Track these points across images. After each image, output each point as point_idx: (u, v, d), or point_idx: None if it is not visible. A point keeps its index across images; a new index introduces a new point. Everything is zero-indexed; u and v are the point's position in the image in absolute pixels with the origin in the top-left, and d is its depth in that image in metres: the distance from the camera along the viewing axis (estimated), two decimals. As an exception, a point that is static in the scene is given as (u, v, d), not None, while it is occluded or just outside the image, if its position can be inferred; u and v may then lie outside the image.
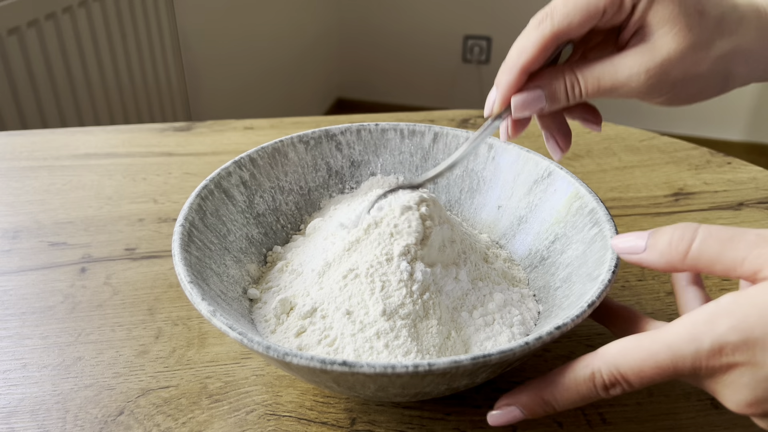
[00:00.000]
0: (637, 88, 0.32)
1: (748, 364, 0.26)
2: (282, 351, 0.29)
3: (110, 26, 1.24)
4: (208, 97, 1.64)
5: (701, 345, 0.26)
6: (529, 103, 0.34)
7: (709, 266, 0.29)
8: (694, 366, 0.27)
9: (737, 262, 0.27)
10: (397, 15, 2.24)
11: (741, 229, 0.28)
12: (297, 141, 0.49)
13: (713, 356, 0.26)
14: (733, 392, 0.27)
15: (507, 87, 0.34)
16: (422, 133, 0.50)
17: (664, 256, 0.30)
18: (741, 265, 0.27)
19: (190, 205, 0.40)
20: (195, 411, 0.38)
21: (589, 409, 0.38)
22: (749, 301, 0.26)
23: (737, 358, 0.26)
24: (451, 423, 0.37)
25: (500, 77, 0.34)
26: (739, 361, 0.26)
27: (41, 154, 0.68)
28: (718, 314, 0.26)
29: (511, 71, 0.33)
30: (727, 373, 0.26)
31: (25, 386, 0.40)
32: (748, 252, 0.27)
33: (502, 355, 0.29)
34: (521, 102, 0.34)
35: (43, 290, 0.48)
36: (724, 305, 0.26)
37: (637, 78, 0.31)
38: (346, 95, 2.47)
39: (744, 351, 0.25)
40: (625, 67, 0.32)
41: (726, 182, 0.62)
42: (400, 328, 0.35)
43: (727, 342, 0.26)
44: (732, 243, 0.28)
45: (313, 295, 0.38)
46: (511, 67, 0.33)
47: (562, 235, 0.43)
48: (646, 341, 0.28)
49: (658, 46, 0.31)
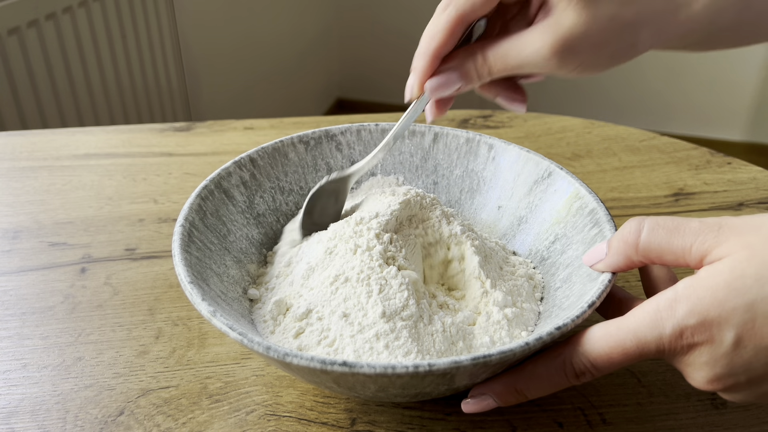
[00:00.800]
0: (543, 64, 0.32)
1: (706, 343, 0.28)
2: (282, 351, 0.30)
3: (110, 26, 1.24)
4: (208, 97, 1.64)
5: (663, 330, 0.28)
6: (443, 85, 0.35)
7: (660, 256, 0.31)
8: (658, 349, 0.29)
9: (685, 250, 0.29)
10: (397, 15, 2.24)
11: (685, 219, 0.30)
12: (297, 141, 0.49)
13: (675, 339, 0.28)
14: (695, 370, 0.29)
15: (421, 72, 0.35)
16: (422, 134, 0.50)
17: (619, 252, 0.32)
18: (689, 253, 0.29)
19: (190, 206, 0.40)
20: (195, 411, 0.38)
21: (589, 409, 0.38)
22: (702, 284, 0.28)
23: (696, 339, 0.28)
24: (451, 423, 0.37)
25: (415, 63, 0.36)
26: (698, 341, 0.28)
27: (41, 155, 0.68)
28: (677, 299, 0.28)
29: (424, 57, 0.35)
30: (688, 353, 0.28)
31: (25, 386, 0.40)
32: (694, 239, 0.29)
33: (502, 356, 0.29)
34: (435, 85, 0.35)
35: (43, 290, 0.48)
36: (681, 290, 0.28)
37: (541, 55, 0.32)
38: (346, 95, 2.47)
39: (701, 332, 0.27)
40: (529, 45, 0.32)
41: (726, 182, 0.62)
42: (400, 329, 0.35)
43: (687, 325, 0.28)
44: (678, 231, 0.30)
45: (305, 296, 0.38)
46: (424, 52, 0.35)
47: (562, 236, 0.43)
48: (613, 329, 0.30)
49: (559, 21, 0.31)
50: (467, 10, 0.33)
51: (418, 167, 0.50)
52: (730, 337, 0.27)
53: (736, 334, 0.27)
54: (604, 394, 0.39)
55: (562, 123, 0.74)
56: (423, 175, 0.50)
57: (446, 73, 0.35)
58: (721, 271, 0.27)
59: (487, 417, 0.38)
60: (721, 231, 0.29)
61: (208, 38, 1.59)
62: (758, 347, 0.27)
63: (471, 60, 0.34)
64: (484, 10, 0.33)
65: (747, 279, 0.27)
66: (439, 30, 0.34)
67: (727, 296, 0.27)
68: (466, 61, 0.34)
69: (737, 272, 0.27)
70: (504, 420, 0.38)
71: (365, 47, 2.34)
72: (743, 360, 0.27)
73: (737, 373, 0.28)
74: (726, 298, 0.27)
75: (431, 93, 0.36)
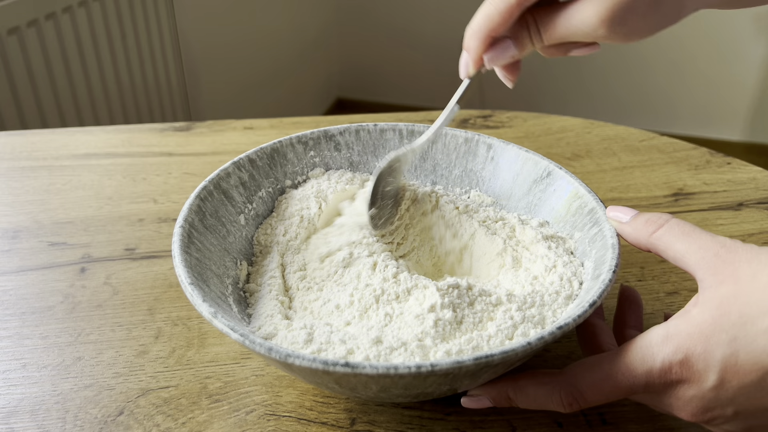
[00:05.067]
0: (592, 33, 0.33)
1: (692, 378, 0.29)
2: (284, 352, 0.29)
3: (110, 26, 1.24)
4: (208, 97, 1.64)
5: (653, 366, 0.30)
6: (500, 55, 0.37)
7: (664, 251, 0.33)
8: (648, 384, 0.30)
9: (685, 255, 0.32)
10: (397, 15, 2.24)
11: (699, 230, 0.32)
12: (296, 141, 0.49)
13: (663, 375, 0.30)
14: (684, 404, 0.30)
15: (476, 51, 0.37)
16: (421, 134, 0.50)
17: (636, 231, 0.35)
18: (685, 259, 0.32)
19: (189, 207, 0.40)
20: (195, 411, 0.38)
21: (589, 410, 0.38)
22: (691, 321, 0.29)
23: (683, 374, 0.29)
24: (451, 423, 0.37)
25: (468, 42, 0.37)
26: (684, 377, 0.29)
27: (41, 154, 0.68)
28: (668, 336, 0.30)
29: (479, 37, 0.36)
30: (676, 387, 0.30)
31: (24, 386, 0.40)
32: (696, 251, 0.31)
33: (504, 356, 0.29)
34: (494, 56, 0.37)
35: (42, 290, 0.48)
36: (672, 328, 0.30)
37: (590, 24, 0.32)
38: (346, 95, 2.47)
39: (687, 367, 0.29)
40: (578, 14, 0.33)
41: (726, 182, 0.62)
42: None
43: (673, 362, 0.29)
44: (687, 237, 0.32)
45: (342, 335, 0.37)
46: (479, 32, 0.36)
47: (561, 236, 0.43)
48: (606, 363, 0.31)
49: None
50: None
51: (417, 167, 0.50)
52: (715, 372, 0.28)
53: (720, 368, 0.28)
54: (604, 394, 0.39)
55: (562, 123, 0.74)
56: (422, 175, 0.50)
57: (502, 43, 0.36)
58: (709, 308, 0.29)
59: (487, 417, 0.38)
60: (717, 257, 0.30)
61: (207, 38, 1.59)
62: (742, 383, 0.28)
63: (525, 29, 0.35)
64: None
65: (732, 316, 0.28)
66: (497, 12, 0.34)
67: (712, 332, 0.28)
68: (520, 30, 0.35)
69: (723, 309, 0.28)
70: (504, 420, 0.38)
71: (365, 47, 2.34)
72: (728, 395, 0.28)
73: (723, 406, 0.29)
74: (711, 334, 0.28)
75: (490, 63, 0.37)
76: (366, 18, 2.29)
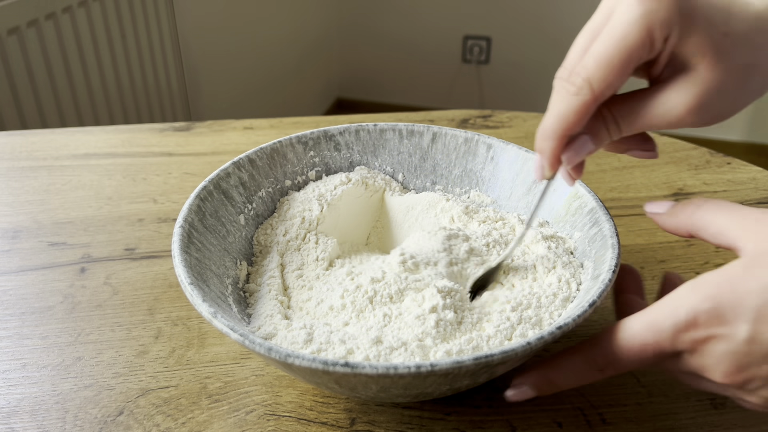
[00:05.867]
0: (677, 122, 0.32)
1: (723, 332, 0.27)
2: (284, 352, 0.30)
3: (110, 26, 1.24)
4: (208, 97, 1.64)
5: (678, 317, 0.28)
6: (578, 152, 0.34)
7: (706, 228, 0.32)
8: (675, 339, 0.28)
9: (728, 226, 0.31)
10: (397, 15, 2.24)
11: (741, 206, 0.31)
12: (296, 141, 0.49)
13: (690, 327, 0.28)
14: (716, 362, 0.28)
15: (551, 154, 0.34)
16: (421, 134, 0.50)
17: (675, 217, 0.34)
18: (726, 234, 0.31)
19: (189, 207, 0.40)
20: (195, 411, 0.38)
21: (589, 409, 0.38)
22: (721, 272, 0.28)
23: (712, 327, 0.27)
24: (451, 423, 0.37)
25: (543, 144, 0.34)
26: (714, 330, 0.27)
27: (41, 154, 0.68)
28: (695, 286, 0.28)
29: (554, 138, 0.33)
30: (706, 344, 0.28)
31: (24, 386, 0.40)
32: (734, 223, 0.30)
33: (504, 356, 0.29)
34: (572, 155, 0.34)
35: (42, 290, 0.48)
36: (700, 279, 0.29)
37: (676, 114, 0.31)
38: (346, 95, 2.47)
39: (716, 319, 0.27)
40: (662, 105, 0.31)
41: (725, 182, 0.62)
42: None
43: (699, 311, 0.28)
44: (724, 210, 0.31)
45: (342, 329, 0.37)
46: (553, 134, 0.33)
47: (561, 236, 0.43)
48: (633, 322, 0.30)
49: (694, 78, 0.30)
50: (603, 92, 0.31)
51: (416, 167, 0.51)
52: (747, 322, 0.27)
53: (753, 318, 0.26)
54: (604, 394, 0.39)
55: (562, 123, 0.74)
56: (422, 175, 0.50)
57: (578, 140, 0.34)
58: (740, 262, 0.28)
59: (487, 417, 0.38)
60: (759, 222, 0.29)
61: (207, 38, 1.59)
62: None
63: (602, 123, 0.33)
64: (618, 86, 0.32)
65: (764, 268, 0.27)
66: (571, 113, 0.32)
67: (741, 281, 0.27)
68: (596, 123, 0.33)
69: (754, 262, 0.28)
70: (504, 420, 0.38)
71: (365, 47, 2.34)
72: (764, 350, 0.27)
73: (759, 363, 0.27)
74: (741, 282, 0.27)
75: (568, 164, 0.35)
76: (366, 18, 2.29)
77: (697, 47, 0.30)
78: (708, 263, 0.51)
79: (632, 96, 0.33)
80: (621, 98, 0.33)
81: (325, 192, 0.47)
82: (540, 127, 0.34)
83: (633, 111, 0.32)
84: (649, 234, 0.54)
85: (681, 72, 0.31)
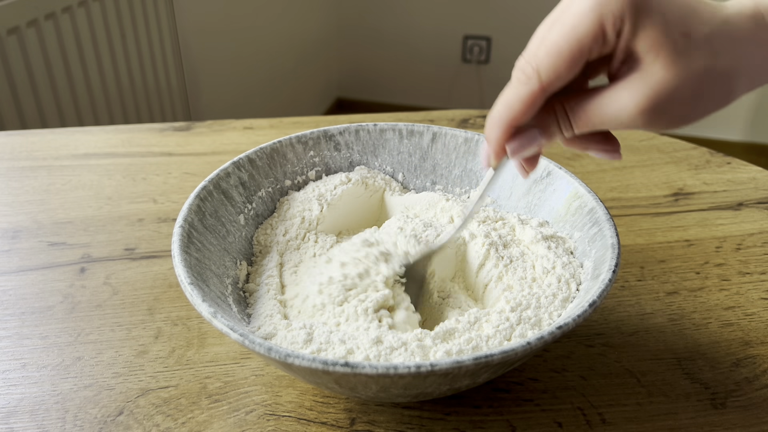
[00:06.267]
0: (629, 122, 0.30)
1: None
2: (284, 352, 0.29)
3: (110, 26, 1.24)
4: (208, 97, 1.64)
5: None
6: (524, 145, 0.33)
7: None
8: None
9: None
10: (397, 15, 2.24)
11: None
12: (295, 141, 0.49)
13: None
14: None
15: (496, 142, 0.33)
16: (421, 133, 0.50)
17: None
18: None
19: (189, 207, 0.40)
20: (194, 411, 0.38)
21: (589, 409, 0.38)
22: None
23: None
24: (451, 423, 0.37)
25: (489, 132, 0.33)
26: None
27: (41, 154, 0.68)
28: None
29: (500, 127, 0.33)
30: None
31: (24, 386, 0.40)
32: None
33: (504, 355, 0.29)
34: (518, 146, 0.33)
35: (42, 290, 0.48)
36: None
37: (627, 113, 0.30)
38: (346, 95, 2.47)
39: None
40: (614, 103, 0.30)
41: (725, 182, 0.62)
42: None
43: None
44: None
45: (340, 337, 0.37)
46: (499, 122, 0.32)
47: (561, 235, 0.43)
48: None
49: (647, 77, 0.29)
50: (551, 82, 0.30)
51: (416, 167, 0.50)
52: None
53: None
54: (604, 394, 0.39)
55: (562, 123, 0.74)
56: (422, 175, 0.50)
57: (527, 132, 0.33)
58: None
59: (487, 417, 0.38)
60: None
61: (208, 38, 1.59)
62: None
63: (553, 117, 0.32)
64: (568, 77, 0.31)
65: None
66: (519, 102, 0.31)
67: None
68: (547, 118, 0.32)
69: None
70: (504, 420, 0.38)
71: (365, 47, 2.34)
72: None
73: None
74: None
75: (513, 155, 0.34)
76: (366, 18, 2.29)
77: (651, 44, 0.28)
78: (708, 263, 0.51)
79: (587, 93, 0.31)
80: (577, 95, 0.32)
81: (325, 192, 0.47)
82: (489, 114, 0.33)
83: (585, 108, 0.31)
84: (649, 234, 0.54)
85: (635, 70, 0.29)
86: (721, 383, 0.40)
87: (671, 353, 0.42)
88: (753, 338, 0.43)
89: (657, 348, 0.43)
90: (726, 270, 0.50)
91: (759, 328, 0.44)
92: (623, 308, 0.46)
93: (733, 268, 0.50)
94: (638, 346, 0.43)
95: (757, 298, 0.47)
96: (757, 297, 0.47)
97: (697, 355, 0.42)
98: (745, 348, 0.42)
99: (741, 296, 0.47)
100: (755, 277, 0.49)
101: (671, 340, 0.43)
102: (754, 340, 0.43)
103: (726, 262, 0.51)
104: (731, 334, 0.44)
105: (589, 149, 0.34)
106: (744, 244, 0.53)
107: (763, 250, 0.52)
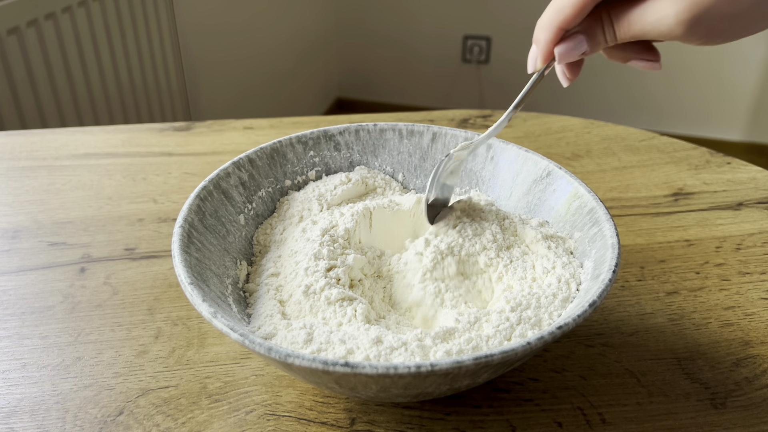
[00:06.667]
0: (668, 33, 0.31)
1: None
2: (284, 352, 0.29)
3: (110, 26, 1.24)
4: (208, 97, 1.64)
5: None
6: (571, 50, 0.35)
7: None
8: None
9: None
10: (397, 15, 2.24)
11: None
12: (295, 141, 0.49)
13: None
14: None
15: (545, 45, 0.35)
16: (421, 133, 0.50)
17: None
18: None
19: (189, 207, 0.40)
20: (195, 411, 0.38)
21: (589, 409, 0.38)
22: None
23: None
24: (451, 423, 0.37)
25: (539, 34, 0.35)
26: None
27: (41, 154, 0.68)
28: None
29: (550, 29, 0.34)
30: None
31: (24, 386, 0.40)
32: None
33: (504, 355, 0.29)
34: (565, 51, 0.35)
35: (42, 290, 0.48)
36: None
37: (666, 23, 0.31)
38: (346, 95, 2.47)
39: None
40: (655, 12, 0.31)
41: (725, 182, 0.62)
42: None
43: None
44: None
45: None
46: (550, 25, 0.34)
47: (561, 235, 0.43)
48: None
49: None
50: None
51: (416, 167, 0.51)
52: None
53: None
54: (604, 394, 0.39)
55: (562, 123, 0.74)
56: (422, 175, 0.50)
57: (574, 37, 0.34)
58: None
59: (487, 417, 0.38)
60: None
61: (207, 38, 1.59)
62: None
63: (598, 24, 0.34)
64: None
65: None
66: (569, 5, 0.33)
67: None
68: (593, 24, 0.34)
69: None
70: (504, 420, 0.38)
71: (365, 47, 2.34)
72: None
73: None
74: None
75: (560, 58, 0.35)
76: (365, 18, 2.29)
77: None
78: (708, 263, 0.51)
79: (632, 1, 0.32)
80: (622, 3, 0.33)
81: (325, 192, 0.47)
82: (539, 19, 0.34)
83: (629, 16, 0.32)
84: (649, 234, 0.54)
85: None
86: (721, 383, 0.40)
87: (671, 353, 0.42)
88: (753, 338, 0.43)
89: (657, 348, 0.43)
90: (726, 270, 0.50)
91: (759, 328, 0.44)
92: (623, 308, 0.46)
93: (733, 268, 0.50)
94: (638, 346, 0.43)
95: (757, 298, 0.47)
96: (757, 297, 0.47)
97: (697, 355, 0.42)
98: (745, 348, 0.42)
99: (741, 296, 0.47)
100: (755, 277, 0.49)
101: (671, 340, 0.43)
102: (754, 340, 0.43)
103: (726, 262, 0.51)
104: (731, 334, 0.44)
105: (631, 60, 0.35)
106: (744, 244, 0.53)
107: (763, 250, 0.52)
